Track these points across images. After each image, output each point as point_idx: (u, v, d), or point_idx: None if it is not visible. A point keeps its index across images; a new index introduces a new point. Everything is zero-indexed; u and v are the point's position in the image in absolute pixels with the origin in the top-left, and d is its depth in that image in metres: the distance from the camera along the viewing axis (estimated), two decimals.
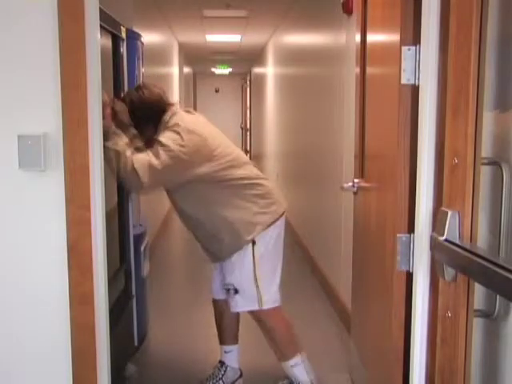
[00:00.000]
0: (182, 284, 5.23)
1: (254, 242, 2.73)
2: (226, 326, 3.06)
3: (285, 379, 2.98)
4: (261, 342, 2.97)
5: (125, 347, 3.16)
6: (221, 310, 3.05)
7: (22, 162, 2.08)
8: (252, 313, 2.87)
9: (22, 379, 2.21)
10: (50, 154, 2.08)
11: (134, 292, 3.37)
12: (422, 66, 1.86)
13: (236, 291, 2.79)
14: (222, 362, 3.08)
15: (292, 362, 2.89)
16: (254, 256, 2.74)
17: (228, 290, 2.82)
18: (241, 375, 3.12)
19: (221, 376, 3.04)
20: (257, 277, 2.76)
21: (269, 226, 2.77)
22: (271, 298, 2.82)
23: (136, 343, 3.46)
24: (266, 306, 2.80)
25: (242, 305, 2.84)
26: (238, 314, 3.03)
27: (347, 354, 3.27)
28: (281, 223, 2.84)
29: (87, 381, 2.17)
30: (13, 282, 2.16)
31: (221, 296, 2.98)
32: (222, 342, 3.10)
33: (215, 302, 3.09)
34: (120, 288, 3.08)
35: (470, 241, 1.52)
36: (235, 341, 3.09)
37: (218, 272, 2.98)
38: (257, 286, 2.77)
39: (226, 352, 3.07)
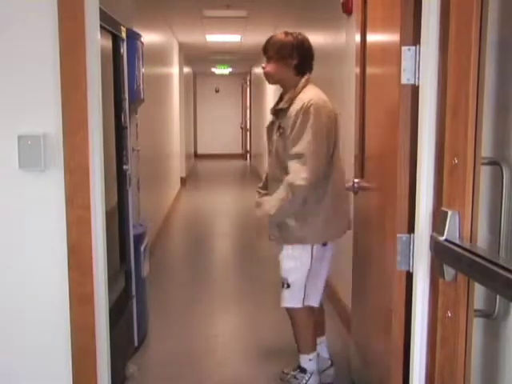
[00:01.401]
0: (182, 284, 5.23)
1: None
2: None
3: (298, 369, 3.03)
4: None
5: (125, 347, 3.16)
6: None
7: (22, 161, 2.08)
8: (288, 309, 2.95)
9: (22, 379, 2.21)
10: (50, 154, 2.08)
11: (134, 292, 3.37)
12: (422, 66, 1.86)
13: (288, 286, 2.87)
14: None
15: (309, 356, 2.98)
16: (312, 256, 2.84)
17: (282, 284, 2.89)
18: (331, 365, 3.16)
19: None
20: (309, 276, 2.86)
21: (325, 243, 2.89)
22: (313, 298, 2.94)
23: (136, 343, 3.46)
24: (305, 304, 2.91)
25: (288, 300, 2.91)
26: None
27: (347, 354, 3.27)
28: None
29: (87, 381, 2.17)
30: (13, 282, 2.16)
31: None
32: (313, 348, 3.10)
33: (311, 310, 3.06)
34: (120, 288, 3.08)
35: (470, 241, 1.52)
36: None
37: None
38: (305, 286, 2.88)
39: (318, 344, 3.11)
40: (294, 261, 2.86)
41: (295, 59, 2.85)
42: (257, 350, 3.26)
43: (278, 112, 2.91)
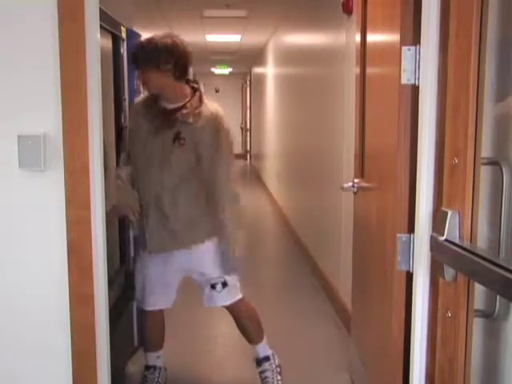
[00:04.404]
0: (182, 284, 5.22)
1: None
2: (163, 331, 3.05)
3: (261, 362, 2.98)
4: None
5: (125, 347, 3.16)
6: (162, 320, 3.03)
7: (21, 161, 2.08)
8: (230, 305, 2.88)
9: (22, 379, 2.20)
10: (49, 154, 2.08)
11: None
12: (422, 66, 1.86)
13: (225, 284, 2.80)
14: (153, 367, 3.02)
15: (265, 339, 2.97)
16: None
17: (214, 286, 2.81)
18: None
19: (156, 379, 2.99)
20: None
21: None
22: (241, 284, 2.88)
23: (136, 343, 3.46)
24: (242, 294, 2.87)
25: (228, 298, 2.85)
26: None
27: (347, 353, 3.27)
28: None
29: (87, 381, 2.17)
30: (13, 283, 2.16)
31: (163, 304, 2.96)
32: (155, 348, 3.04)
33: (158, 314, 2.99)
34: (120, 288, 3.08)
35: (470, 241, 1.52)
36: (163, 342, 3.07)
37: (156, 282, 2.89)
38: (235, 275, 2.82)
39: (158, 357, 3.03)
40: (219, 255, 2.79)
41: (171, 64, 2.63)
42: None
43: (171, 117, 2.71)
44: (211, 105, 2.79)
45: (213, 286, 2.81)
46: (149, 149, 2.74)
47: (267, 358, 2.97)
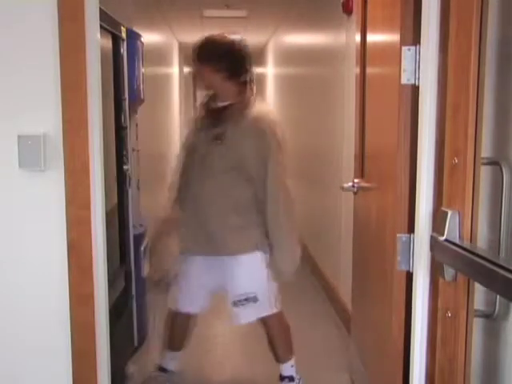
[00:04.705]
0: None
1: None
2: (187, 334, 2.97)
3: (283, 380, 2.93)
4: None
5: (125, 347, 3.16)
6: (190, 323, 2.92)
7: (21, 161, 2.08)
8: (262, 318, 2.79)
9: (22, 379, 2.20)
10: (50, 154, 2.08)
11: (133, 292, 3.37)
12: (422, 66, 1.86)
13: (255, 299, 2.68)
14: (164, 369, 2.96)
15: (292, 362, 2.90)
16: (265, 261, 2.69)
17: (242, 301, 2.68)
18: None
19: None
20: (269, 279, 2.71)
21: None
22: (278, 299, 2.78)
23: (136, 343, 3.46)
24: (278, 308, 2.77)
25: (257, 313, 2.73)
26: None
27: (347, 354, 3.27)
28: None
29: (87, 381, 2.17)
30: (13, 282, 2.16)
31: (196, 308, 2.86)
32: (172, 348, 2.98)
33: (185, 316, 2.89)
34: (120, 288, 3.08)
35: (470, 241, 1.52)
36: (184, 347, 3.00)
37: (196, 278, 2.79)
38: (271, 290, 2.72)
39: (171, 359, 2.97)
40: (257, 270, 2.70)
41: (225, 63, 2.65)
42: (257, 349, 3.26)
43: (218, 115, 2.69)
44: (262, 106, 2.74)
45: (236, 303, 2.70)
46: (195, 146, 2.74)
47: (291, 379, 2.88)
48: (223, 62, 2.63)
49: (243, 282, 2.70)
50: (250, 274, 2.71)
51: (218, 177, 2.64)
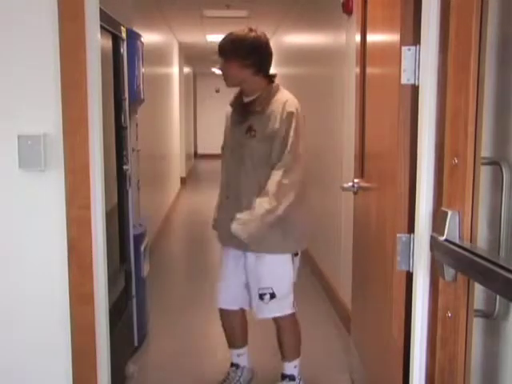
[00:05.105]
0: (182, 284, 5.23)
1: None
2: (243, 330, 3.02)
3: (284, 378, 2.95)
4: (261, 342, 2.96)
5: (125, 347, 3.16)
6: (240, 319, 2.98)
7: (22, 161, 2.08)
8: (278, 318, 2.84)
9: (22, 379, 2.21)
10: (50, 154, 2.08)
11: (134, 292, 3.37)
12: (422, 66, 1.86)
13: (273, 296, 2.74)
14: (236, 365, 3.03)
15: (296, 362, 2.92)
16: (293, 262, 2.79)
17: (262, 296, 2.74)
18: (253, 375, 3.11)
19: (238, 378, 3.01)
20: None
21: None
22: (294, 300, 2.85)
23: (136, 343, 3.46)
24: (295, 309, 2.84)
25: (276, 310, 2.79)
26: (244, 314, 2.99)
27: (347, 353, 3.27)
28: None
29: (87, 381, 2.17)
30: (13, 282, 2.16)
31: (236, 305, 2.91)
32: (234, 346, 3.04)
33: (231, 313, 2.95)
34: (120, 288, 3.08)
35: (470, 241, 1.52)
36: (247, 342, 3.06)
37: (233, 280, 2.87)
38: (292, 291, 2.81)
39: (238, 355, 3.03)
40: (280, 269, 2.77)
41: (252, 59, 2.71)
42: (257, 349, 3.26)
43: (245, 110, 2.76)
44: (283, 94, 2.79)
45: (261, 297, 2.75)
46: (229, 143, 2.82)
47: (292, 378, 2.91)
48: (251, 58, 2.70)
49: (267, 278, 2.76)
50: (274, 271, 2.78)
51: (255, 171, 2.70)
